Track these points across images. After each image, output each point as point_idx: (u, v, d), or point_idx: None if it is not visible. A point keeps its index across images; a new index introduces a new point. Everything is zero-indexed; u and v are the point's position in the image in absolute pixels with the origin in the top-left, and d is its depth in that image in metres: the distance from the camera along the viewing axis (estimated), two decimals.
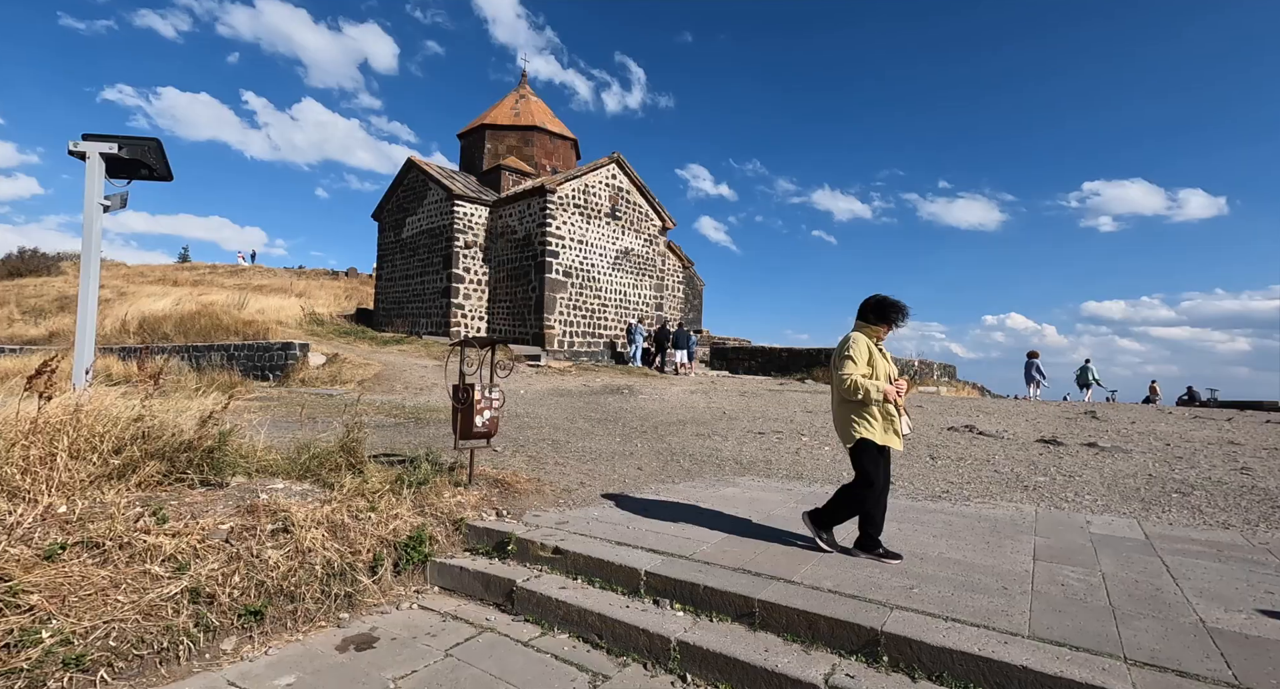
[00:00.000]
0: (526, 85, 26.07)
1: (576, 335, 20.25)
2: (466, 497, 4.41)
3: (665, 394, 13.12)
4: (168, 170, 4.65)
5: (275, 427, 7.32)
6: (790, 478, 6.05)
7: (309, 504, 3.60)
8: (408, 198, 23.28)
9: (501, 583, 3.48)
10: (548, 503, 4.75)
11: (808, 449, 7.52)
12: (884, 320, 3.63)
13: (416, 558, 3.67)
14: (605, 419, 9.51)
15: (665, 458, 6.84)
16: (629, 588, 3.37)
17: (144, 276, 38.49)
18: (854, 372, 3.49)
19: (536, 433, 7.98)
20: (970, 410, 11.79)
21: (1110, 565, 3.55)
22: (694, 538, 3.94)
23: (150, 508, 3.14)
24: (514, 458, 6.23)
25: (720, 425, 9.22)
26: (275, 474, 4.13)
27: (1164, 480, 5.98)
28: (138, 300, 24.93)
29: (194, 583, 2.72)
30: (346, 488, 3.89)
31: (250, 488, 3.77)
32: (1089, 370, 19.85)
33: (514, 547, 3.79)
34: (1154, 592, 3.14)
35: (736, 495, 5.24)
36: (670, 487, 5.53)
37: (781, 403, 12.17)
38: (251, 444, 4.37)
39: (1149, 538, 4.15)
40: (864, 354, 3.53)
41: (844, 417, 3.60)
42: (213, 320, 18.82)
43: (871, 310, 3.64)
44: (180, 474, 3.61)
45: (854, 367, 3.50)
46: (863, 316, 3.68)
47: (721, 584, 3.15)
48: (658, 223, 23.14)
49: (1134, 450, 7.53)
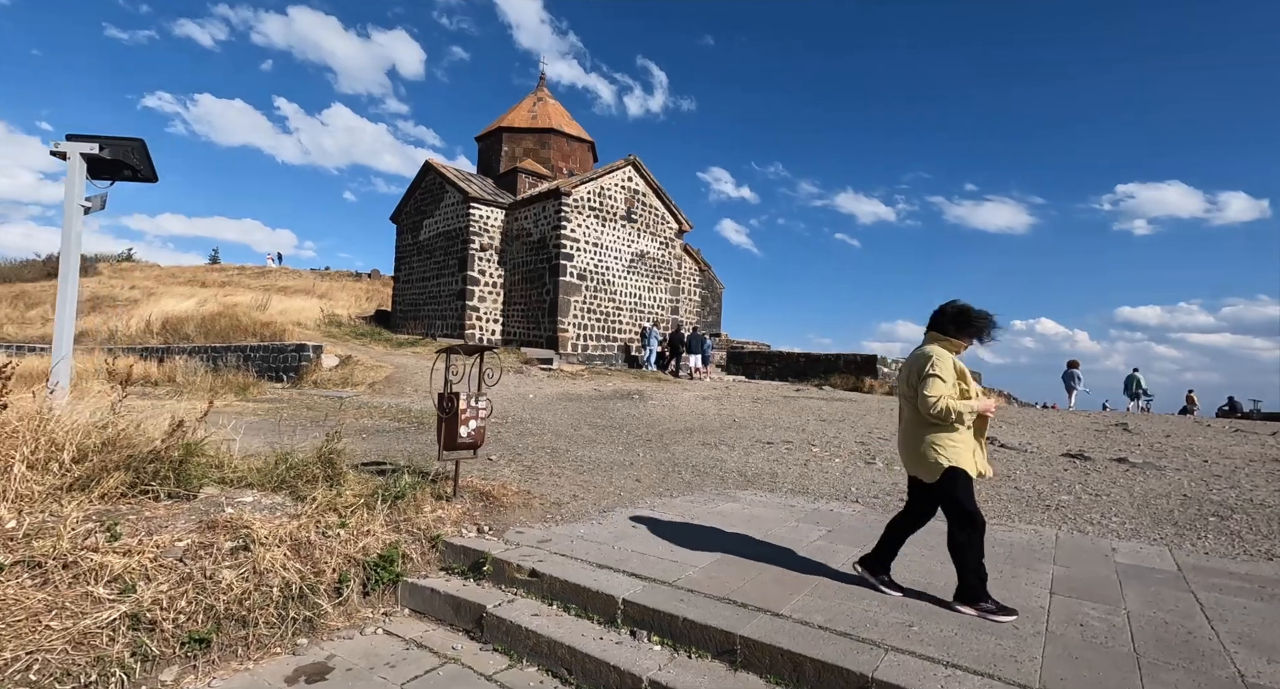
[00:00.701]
0: (544, 88, 26.05)
1: (591, 339, 20.09)
2: (448, 511, 4.23)
3: (676, 400, 12.87)
4: (152, 171, 4.56)
5: (273, 431, 7.26)
6: (795, 492, 5.77)
7: (276, 519, 3.45)
8: (425, 200, 23.38)
9: (471, 608, 3.28)
10: (535, 518, 4.55)
11: (817, 461, 7.22)
12: (966, 334, 3.08)
13: (387, 578, 3.49)
14: (610, 426, 9.30)
15: (666, 469, 6.61)
16: (605, 617, 3.14)
17: (175, 278, 39.36)
18: (945, 392, 2.95)
19: (537, 440, 7.79)
20: (993, 420, 11.33)
21: (1137, 602, 3.22)
22: (681, 560, 3.70)
23: (105, 523, 3.01)
24: (508, 467, 6.04)
25: (728, 434, 8.94)
26: (250, 485, 3.99)
27: (1200, 502, 5.57)
28: (163, 301, 25.45)
29: (136, 608, 2.57)
30: (319, 502, 3.73)
31: (219, 500, 3.63)
32: (1136, 380, 19.14)
33: (489, 567, 3.59)
34: (1186, 636, 2.82)
35: (735, 512, 4.99)
36: (667, 501, 5.29)
37: (795, 411, 11.84)
38: (229, 452, 4.24)
39: (1181, 569, 3.80)
40: (952, 372, 3.00)
41: (922, 442, 3.06)
42: (232, 321, 19.06)
43: (951, 321, 3.10)
44: (145, 486, 3.48)
45: (944, 386, 2.96)
46: (938, 328, 3.13)
47: (702, 617, 2.91)
48: (674, 225, 22.90)
49: (1168, 467, 7.09)
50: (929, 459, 3.03)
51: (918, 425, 3.09)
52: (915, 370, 3.07)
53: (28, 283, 36.31)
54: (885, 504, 5.36)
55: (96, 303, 30.10)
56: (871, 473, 6.69)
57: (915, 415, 3.09)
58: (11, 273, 39.58)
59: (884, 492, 5.81)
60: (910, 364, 3.15)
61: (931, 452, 3.02)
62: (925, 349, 3.10)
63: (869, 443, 8.45)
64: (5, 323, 26.34)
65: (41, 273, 38.89)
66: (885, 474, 6.61)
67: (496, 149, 24.02)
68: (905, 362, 3.23)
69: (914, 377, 3.07)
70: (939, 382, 2.97)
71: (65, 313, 4.14)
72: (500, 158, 23.73)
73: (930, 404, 2.95)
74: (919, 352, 3.14)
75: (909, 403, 3.13)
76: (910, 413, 3.14)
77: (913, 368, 3.10)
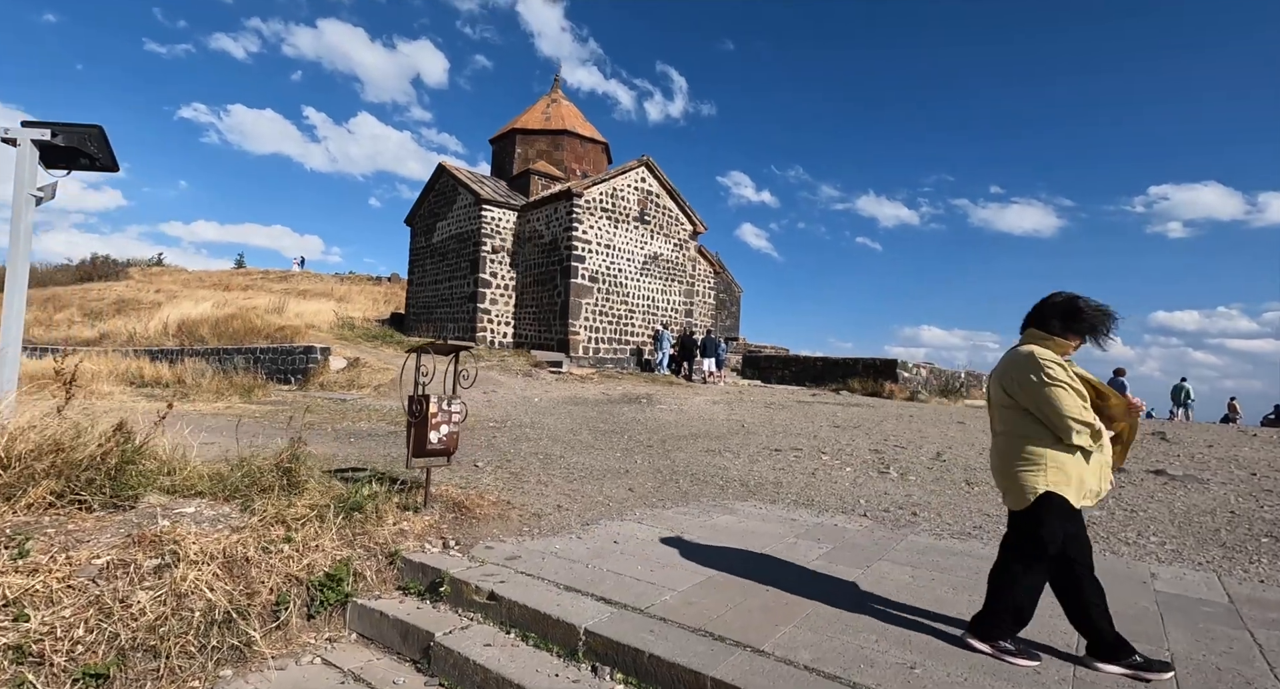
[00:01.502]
0: (559, 90, 25.88)
1: (602, 342, 19.78)
2: (413, 523, 3.91)
3: (686, 404, 12.48)
4: (112, 160, 4.33)
5: (262, 434, 7.04)
6: (798, 504, 5.36)
7: (215, 532, 3.16)
8: (438, 203, 23.33)
9: (420, 635, 2.95)
10: (510, 531, 4.21)
11: (826, 470, 6.78)
12: (1075, 331, 2.56)
13: (334, 599, 3.18)
14: (613, 431, 8.94)
15: (664, 477, 6.23)
16: (566, 649, 2.79)
17: (201, 282, 40.06)
18: (1073, 402, 2.41)
19: (532, 445, 7.47)
20: None
21: (1183, 641, 2.77)
22: (661, 582, 3.33)
23: (16, 538, 2.74)
24: (492, 474, 5.73)
25: (735, 440, 8.53)
26: (201, 494, 3.72)
27: (1250, 520, 5.03)
28: (182, 304, 25.78)
29: (23, 638, 2.28)
30: (267, 513, 3.43)
31: (162, 511, 3.36)
32: (1185, 389, 18.27)
33: (447, 588, 3.26)
34: (1243, 687, 2.37)
35: (730, 525, 4.60)
36: (658, 512, 4.92)
37: (809, 416, 11.37)
38: (183, 458, 3.98)
39: (1234, 601, 3.32)
40: (1069, 376, 2.46)
41: (1017, 459, 2.53)
42: (246, 324, 19.13)
43: (1059, 315, 2.57)
44: (77, 495, 3.22)
45: (1070, 396, 2.42)
46: (1043, 325, 2.60)
47: (671, 653, 2.54)
48: (688, 227, 22.52)
49: (1211, 480, 6.51)
50: (1019, 481, 2.52)
51: (1011, 438, 2.58)
52: (1015, 375, 2.55)
53: (60, 287, 37.25)
54: (896, 519, 4.93)
55: (121, 306, 30.73)
56: (884, 484, 6.24)
57: (1008, 429, 2.61)
58: (46, 277, 40.70)
59: (896, 505, 5.37)
60: (1007, 367, 2.62)
61: (1025, 472, 2.50)
62: (1025, 349, 2.57)
63: (884, 451, 7.97)
64: (33, 325, 26.88)
65: (74, 277, 40.04)
66: (899, 485, 6.16)
67: (510, 151, 23.89)
68: (999, 364, 2.71)
69: (1012, 383, 2.55)
70: (1063, 390, 2.42)
71: (13, 309, 3.92)
72: (514, 160, 23.60)
73: (1056, 413, 2.41)
74: (1017, 352, 2.61)
75: (1005, 414, 2.62)
76: (1002, 426, 2.65)
77: (1010, 371, 2.58)
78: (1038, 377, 2.46)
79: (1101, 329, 2.56)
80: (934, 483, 6.28)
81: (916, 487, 6.11)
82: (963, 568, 3.74)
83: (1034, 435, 2.51)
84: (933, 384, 19.03)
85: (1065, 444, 2.46)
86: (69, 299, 32.67)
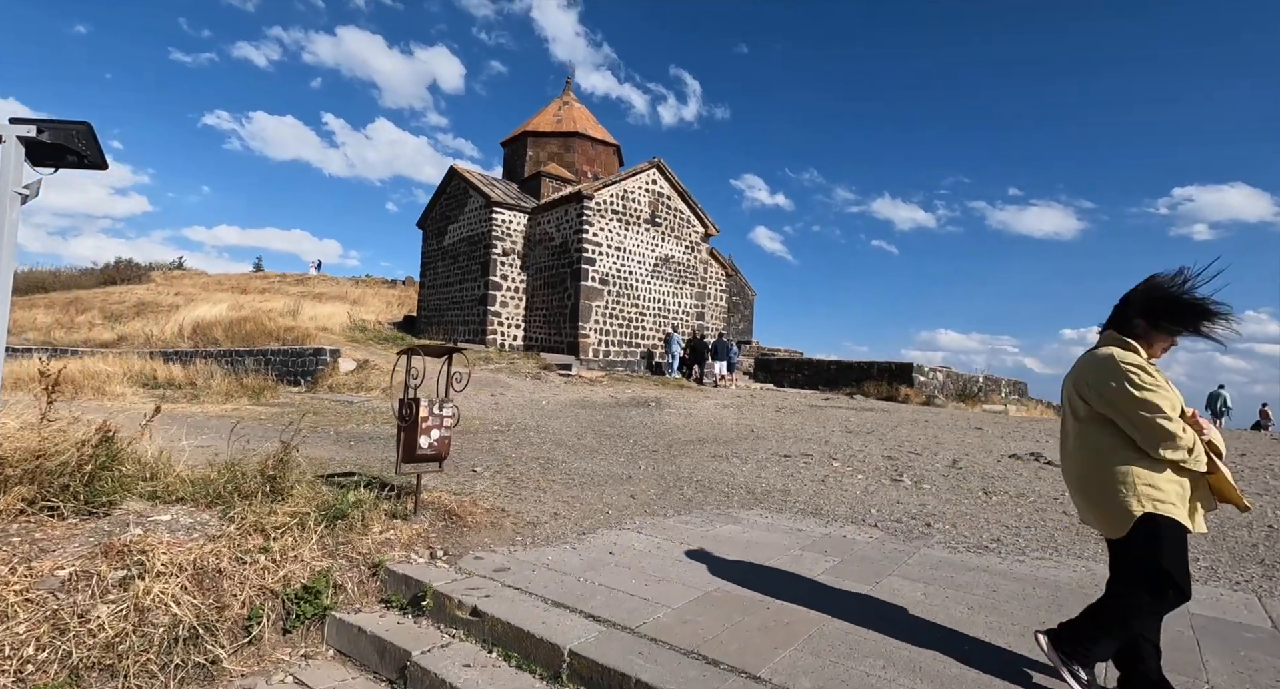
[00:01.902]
0: (570, 92, 25.84)
1: (613, 344, 19.63)
2: (401, 532, 3.76)
3: (695, 408, 12.27)
4: (101, 157, 4.23)
5: (263, 437, 6.96)
6: (806, 513, 5.14)
7: (190, 541, 3.03)
8: (450, 205, 23.36)
9: (396, 653, 2.79)
10: (503, 540, 4.05)
11: (836, 478, 6.55)
12: (1180, 323, 2.18)
13: (311, 612, 3.03)
14: (618, 435, 8.77)
15: (667, 484, 6.04)
16: (549, 671, 2.61)
17: (220, 285, 40.59)
18: (1164, 411, 2.08)
19: (534, 450, 7.32)
20: (1040, 434, 10.39)
21: (1223, 673, 2.53)
22: (655, 598, 3.15)
23: None
24: (491, 480, 5.57)
25: (743, 445, 8.31)
26: (182, 500, 3.60)
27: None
28: (199, 307, 26.06)
29: None
30: (247, 521, 3.30)
31: (129, 519, 3.23)
32: (1222, 397, 17.69)
33: (429, 602, 3.10)
34: None
35: (734, 536, 4.40)
36: (659, 521, 4.73)
37: (820, 421, 11.11)
38: (166, 462, 3.87)
39: (1277, 626, 3.06)
40: (1161, 381, 2.14)
41: (1107, 477, 2.18)
42: (258, 326, 19.23)
43: (1162, 309, 2.18)
44: (49, 502, 3.10)
45: (1162, 402, 2.08)
46: (1123, 324, 2.25)
47: (659, 679, 2.35)
48: (700, 229, 22.32)
49: (1246, 491, 6.15)
50: (1115, 500, 2.14)
51: (1090, 455, 2.24)
52: (1092, 380, 2.21)
53: (83, 290, 37.94)
54: (909, 530, 4.69)
55: (141, 308, 31.15)
56: (897, 492, 5.99)
57: (1085, 442, 2.27)
58: (71, 280, 41.49)
59: (908, 515, 5.13)
60: (1082, 371, 2.28)
61: (1114, 494, 2.14)
62: (1104, 351, 2.23)
63: (898, 458, 7.71)
64: (54, 327, 27.31)
65: (97, 280, 40.72)
66: (912, 494, 5.91)
67: (521, 153, 23.87)
68: (1074, 368, 2.36)
69: (1089, 389, 2.21)
70: (1152, 398, 2.07)
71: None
72: (525, 162, 23.57)
73: (1144, 425, 2.08)
74: (1095, 355, 2.27)
75: (1082, 426, 2.28)
76: (1078, 440, 2.30)
77: (1086, 376, 2.25)
78: (1119, 382, 2.12)
79: (1209, 323, 2.15)
80: (949, 492, 6.02)
81: (931, 496, 5.86)
82: (979, 585, 3.51)
83: (1118, 450, 2.17)
84: (949, 388, 18.63)
85: (1154, 460, 2.13)
86: (91, 302, 33.21)
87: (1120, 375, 2.13)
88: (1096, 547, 4.39)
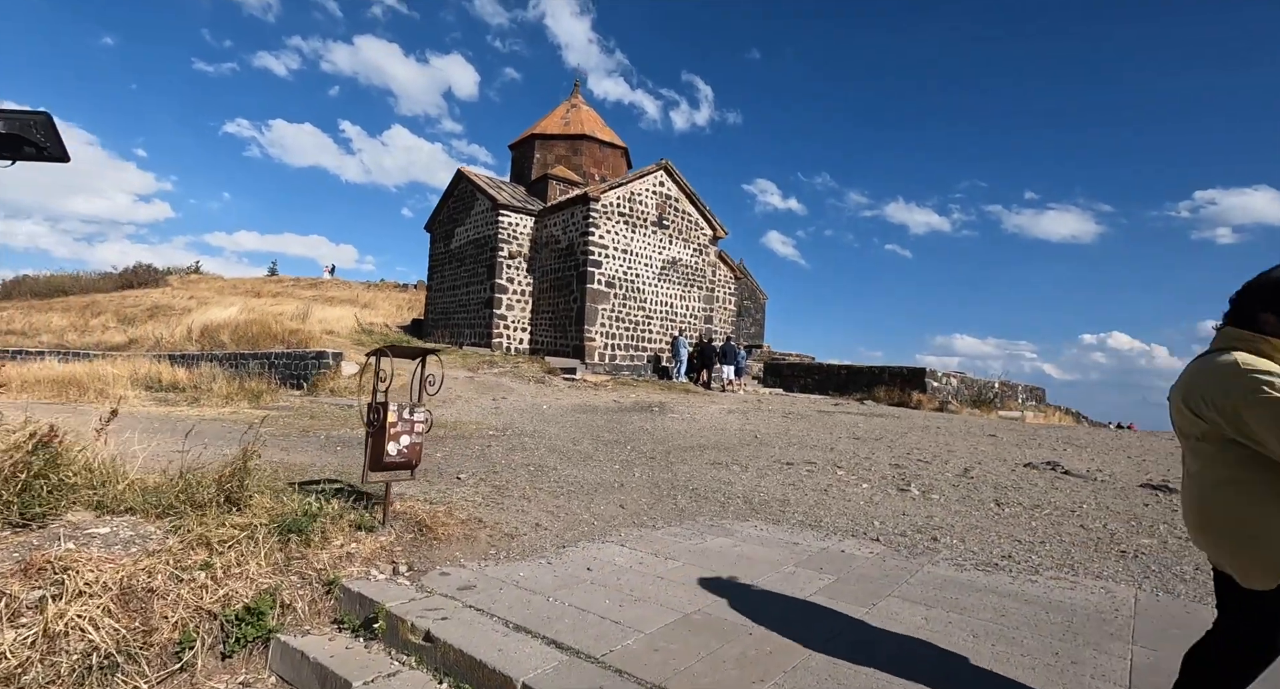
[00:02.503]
0: (578, 95, 25.71)
1: (619, 348, 19.38)
2: (364, 544, 3.53)
3: (699, 413, 11.97)
4: (62, 150, 4.06)
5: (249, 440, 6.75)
6: (804, 525, 4.84)
7: (124, 557, 2.81)
8: (457, 208, 23.29)
9: (337, 683, 2.54)
10: (475, 554, 3.80)
11: (839, 487, 6.23)
12: None
13: (253, 635, 2.80)
14: (617, 441, 8.50)
15: (661, 492, 5.76)
16: None
17: (234, 289, 41.00)
18: None
19: (526, 456, 7.08)
20: (1057, 442, 9.98)
21: None
22: (627, 621, 2.88)
23: None
24: (474, 488, 5.33)
25: (745, 452, 8.01)
26: (131, 510, 3.39)
27: None
28: (211, 310, 26.21)
29: None
30: (193, 533, 3.08)
31: (71, 530, 3.03)
32: None
33: (382, 624, 2.86)
34: None
35: (724, 549, 4.12)
36: (646, 533, 4.46)
37: (828, 427, 10.77)
38: (119, 469, 3.67)
39: None
40: None
41: (1246, 512, 1.73)
42: (264, 329, 19.23)
43: (1272, 304, 1.78)
44: None
45: None
46: (1246, 320, 1.80)
47: None
48: (708, 232, 22.04)
49: None
50: (1250, 550, 1.72)
51: (1214, 483, 1.80)
52: (1207, 391, 1.77)
53: (100, 294, 38.45)
54: (913, 545, 4.38)
55: (155, 312, 31.45)
56: (903, 503, 5.67)
57: (1206, 467, 1.83)
58: (90, 284, 42.10)
59: (914, 528, 4.81)
60: (1193, 380, 1.84)
61: (1254, 536, 1.70)
62: (1226, 357, 1.76)
63: (905, 466, 7.38)
64: (69, 330, 27.63)
65: (115, 285, 41.23)
66: (919, 505, 5.58)
67: (529, 156, 23.76)
68: (1183, 377, 1.91)
69: (1203, 403, 1.77)
70: None
71: None
72: (533, 165, 23.45)
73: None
74: (1210, 359, 1.81)
75: (1201, 446, 1.83)
76: (1197, 463, 1.87)
77: (1199, 386, 1.80)
78: (1245, 393, 1.66)
79: None
80: (959, 503, 5.69)
81: (939, 507, 5.53)
82: (987, 608, 3.21)
83: (1254, 476, 1.71)
84: (964, 394, 18.15)
85: None
86: (106, 305, 33.61)
87: (1245, 382, 1.68)
88: (1116, 565, 4.06)
